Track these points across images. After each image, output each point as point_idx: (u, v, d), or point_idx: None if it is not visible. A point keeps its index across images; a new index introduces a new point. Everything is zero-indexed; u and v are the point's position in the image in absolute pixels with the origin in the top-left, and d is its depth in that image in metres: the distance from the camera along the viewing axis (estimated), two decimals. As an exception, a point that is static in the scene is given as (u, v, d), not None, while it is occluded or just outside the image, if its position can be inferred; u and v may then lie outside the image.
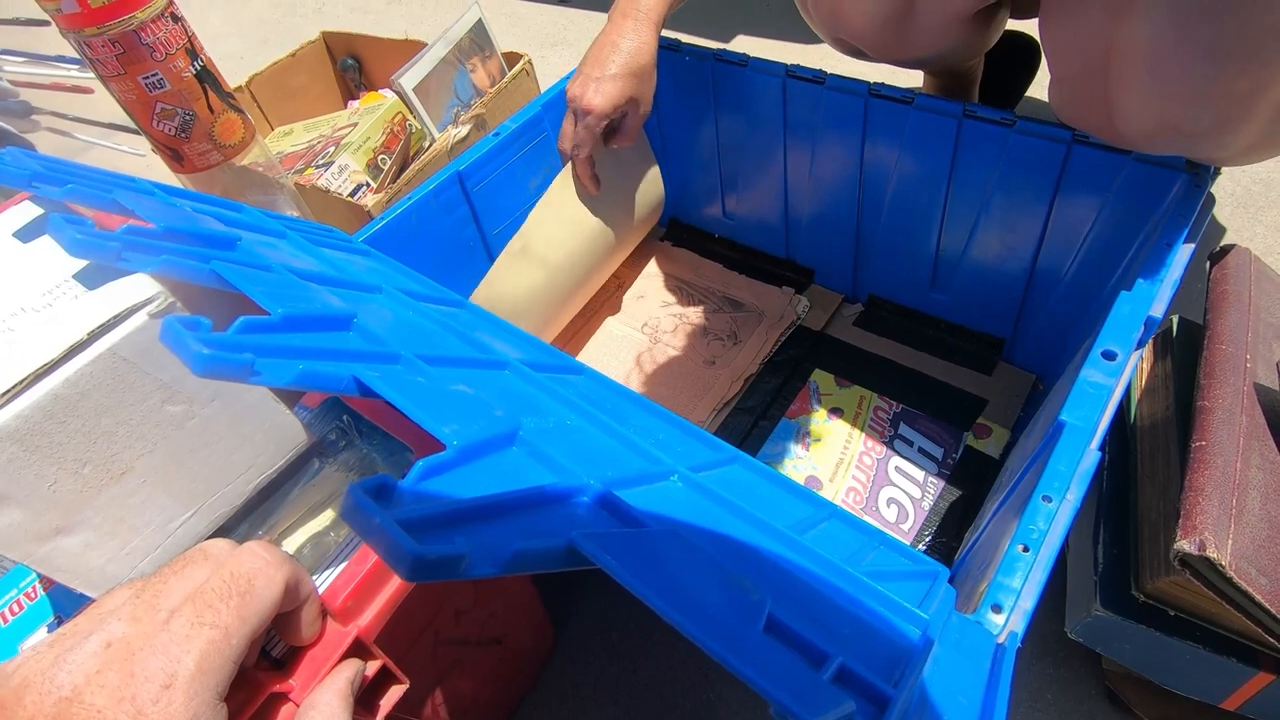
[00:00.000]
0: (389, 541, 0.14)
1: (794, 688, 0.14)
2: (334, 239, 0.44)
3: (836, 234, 0.65)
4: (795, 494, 0.30)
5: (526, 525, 0.17)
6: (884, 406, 0.60)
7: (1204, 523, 0.34)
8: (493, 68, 0.80)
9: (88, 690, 0.20)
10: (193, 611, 0.22)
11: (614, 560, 0.16)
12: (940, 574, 0.26)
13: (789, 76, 0.57)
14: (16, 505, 0.22)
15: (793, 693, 0.14)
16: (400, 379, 0.22)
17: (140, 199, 0.32)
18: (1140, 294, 0.38)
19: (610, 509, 0.19)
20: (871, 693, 0.16)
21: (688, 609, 0.15)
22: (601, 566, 0.16)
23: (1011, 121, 0.49)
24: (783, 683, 0.14)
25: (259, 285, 0.25)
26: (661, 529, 0.19)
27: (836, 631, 0.19)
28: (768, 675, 0.14)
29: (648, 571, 0.16)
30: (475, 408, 0.22)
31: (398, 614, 0.28)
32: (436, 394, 0.22)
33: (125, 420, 0.23)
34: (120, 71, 0.48)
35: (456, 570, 0.14)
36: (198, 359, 0.18)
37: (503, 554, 0.15)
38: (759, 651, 0.15)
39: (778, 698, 0.13)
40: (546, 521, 0.18)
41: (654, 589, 0.15)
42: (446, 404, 0.21)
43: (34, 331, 0.23)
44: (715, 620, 0.15)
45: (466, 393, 0.23)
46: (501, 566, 0.15)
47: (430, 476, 0.17)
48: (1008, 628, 0.27)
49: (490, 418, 0.22)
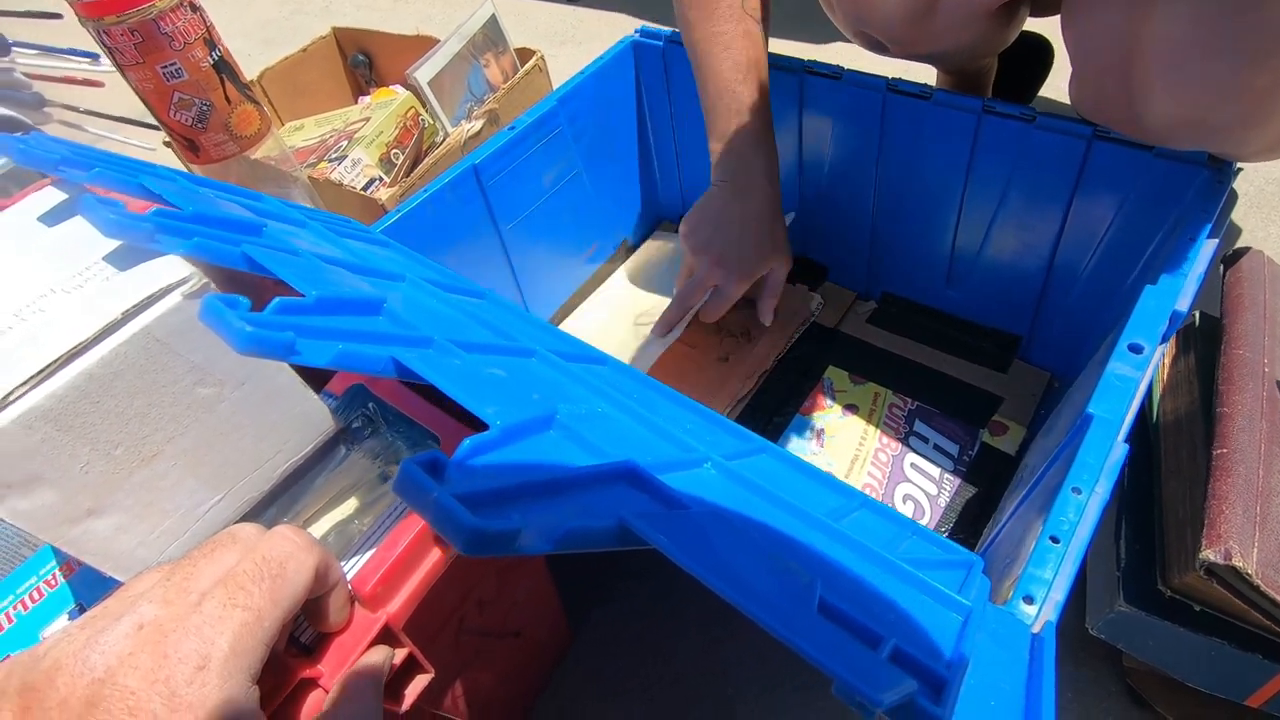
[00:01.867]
0: (446, 515, 0.14)
1: (857, 666, 0.14)
2: (353, 229, 0.44)
3: (851, 231, 0.65)
4: (825, 484, 0.30)
5: (576, 504, 0.17)
6: (899, 403, 0.60)
7: (1228, 531, 0.34)
8: (506, 64, 0.79)
9: (120, 671, 0.20)
10: (225, 594, 0.22)
11: (667, 539, 0.15)
12: (975, 563, 0.26)
13: (805, 73, 0.57)
14: (49, 486, 0.21)
15: (856, 670, 0.13)
16: (438, 361, 0.22)
17: (166, 184, 0.32)
18: (1165, 288, 0.38)
19: (652, 491, 0.19)
20: (928, 675, 0.16)
21: (744, 589, 0.15)
22: (655, 546, 0.15)
23: (1031, 117, 0.49)
24: (846, 660, 0.14)
25: (290, 269, 0.25)
26: (705, 511, 0.19)
27: (884, 616, 0.19)
28: (830, 653, 0.14)
29: (701, 551, 0.15)
30: (513, 390, 0.22)
31: (425, 601, 0.28)
32: (474, 376, 0.22)
33: (157, 402, 0.23)
34: (138, 60, 0.48)
35: (511, 544, 0.14)
36: (241, 335, 0.18)
37: (555, 531, 0.15)
38: (817, 631, 0.15)
39: (843, 674, 0.13)
40: (594, 501, 0.17)
41: (710, 569, 0.15)
42: (485, 386, 0.21)
43: (66, 312, 0.23)
44: (771, 600, 0.15)
45: (502, 376, 0.23)
46: (554, 543, 0.15)
47: (477, 455, 0.17)
48: (1041, 617, 0.27)
49: (528, 400, 0.21)
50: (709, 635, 0.50)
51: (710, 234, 0.53)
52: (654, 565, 0.53)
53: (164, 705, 0.19)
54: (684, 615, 0.51)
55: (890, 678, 0.14)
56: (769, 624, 0.14)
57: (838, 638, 0.15)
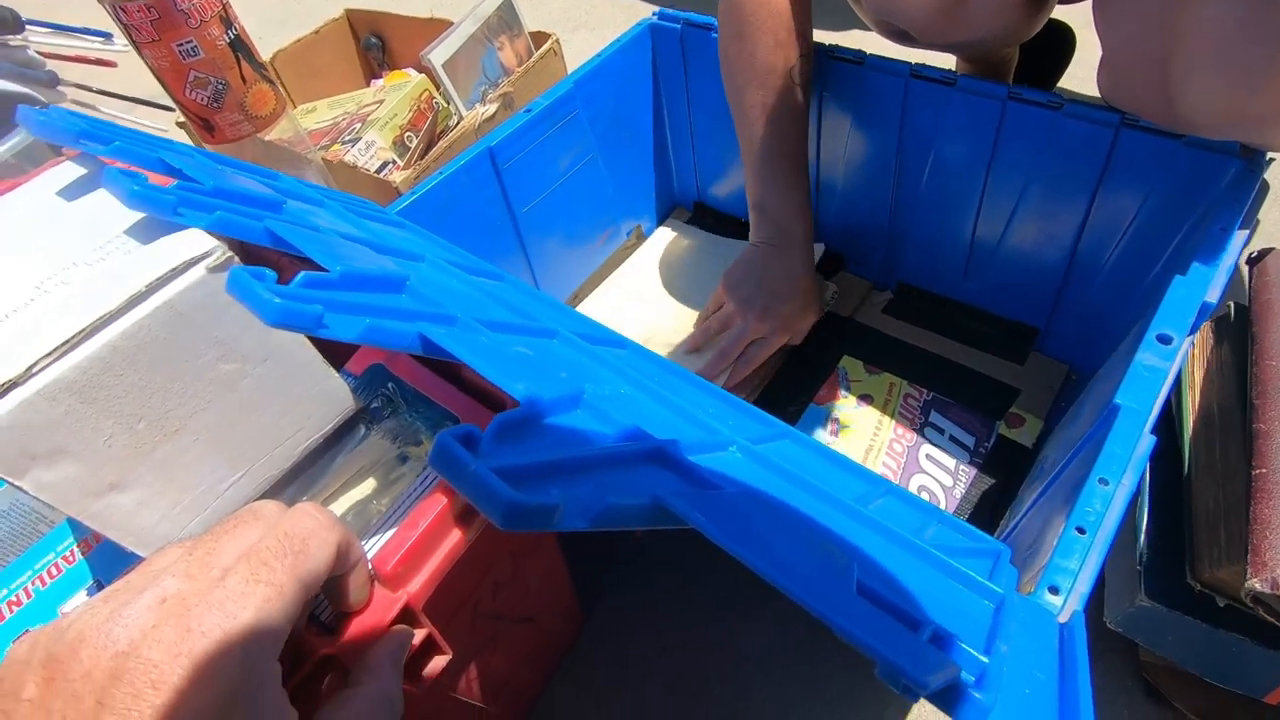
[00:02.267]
0: (485, 488, 0.13)
1: (901, 648, 0.13)
2: (370, 210, 0.44)
3: (868, 220, 0.64)
4: (849, 470, 0.29)
5: (611, 481, 0.16)
6: (914, 394, 0.59)
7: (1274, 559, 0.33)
8: (520, 47, 0.79)
9: (144, 645, 0.19)
10: (248, 569, 0.21)
11: (705, 518, 0.15)
12: (1003, 552, 0.26)
13: (827, 58, 0.56)
14: (73, 459, 0.21)
15: (901, 652, 0.13)
16: (465, 338, 0.21)
17: (185, 159, 0.32)
18: (1196, 278, 0.37)
19: (684, 471, 0.19)
20: (968, 660, 0.15)
21: (785, 569, 0.14)
22: (693, 524, 0.15)
23: (1059, 104, 0.48)
24: (890, 642, 0.13)
25: (314, 244, 0.25)
26: (739, 491, 0.18)
27: (917, 602, 0.18)
28: (875, 635, 0.13)
29: (739, 531, 0.15)
30: (541, 368, 0.22)
31: (444, 583, 0.28)
32: (501, 354, 0.21)
33: (180, 376, 0.23)
34: (155, 38, 0.47)
35: (550, 520, 0.14)
36: (269, 308, 0.18)
37: (594, 507, 0.15)
38: (859, 612, 0.14)
39: (888, 656, 0.13)
40: (627, 479, 0.17)
41: (750, 548, 0.15)
42: (513, 364, 0.21)
43: (89, 284, 0.23)
44: (812, 580, 0.15)
45: (528, 354, 0.23)
46: (591, 520, 0.14)
47: (510, 430, 0.17)
48: (1068, 608, 0.26)
49: (556, 379, 0.21)
50: (721, 618, 0.49)
51: (753, 290, 0.57)
52: (665, 548, 0.53)
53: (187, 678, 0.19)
54: (695, 598, 0.51)
55: (935, 660, 0.14)
56: (812, 604, 0.13)
57: (880, 619, 0.14)
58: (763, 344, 0.57)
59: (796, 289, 0.56)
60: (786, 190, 0.55)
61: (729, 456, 0.24)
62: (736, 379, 0.59)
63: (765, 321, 0.56)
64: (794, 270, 0.56)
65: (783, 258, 0.56)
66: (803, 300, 0.57)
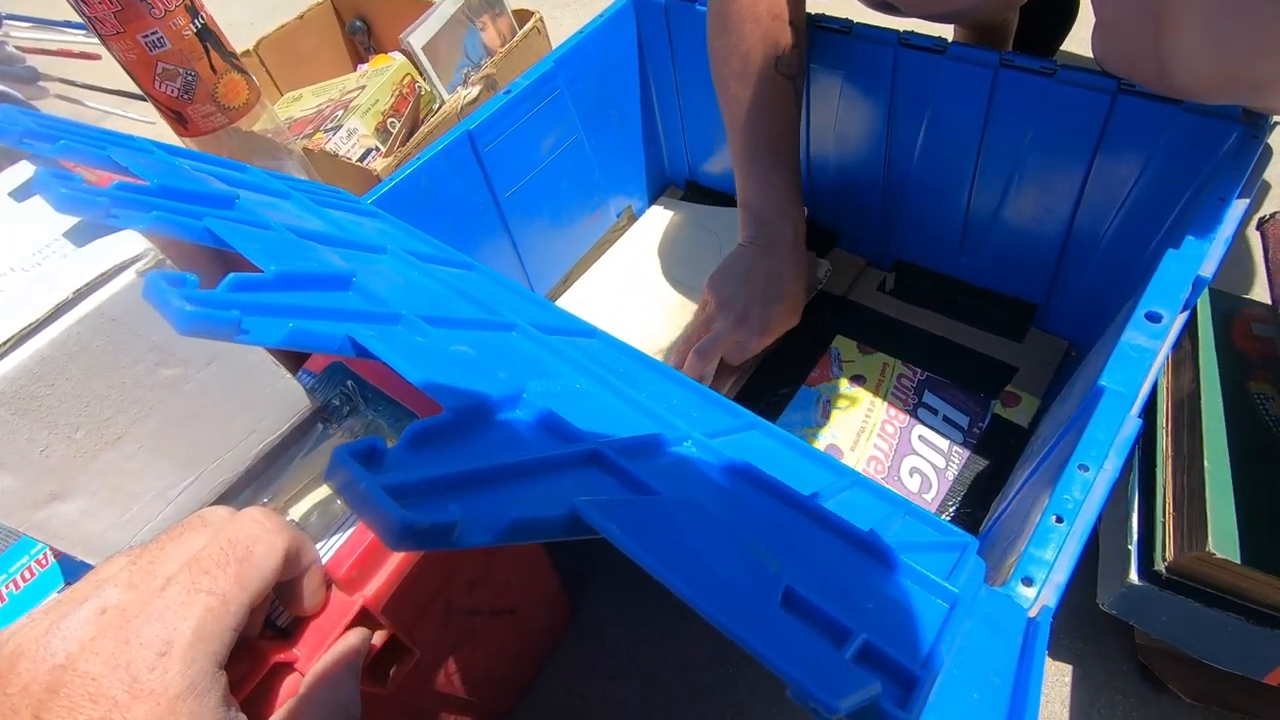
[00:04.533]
0: (374, 508, 0.13)
1: (814, 667, 0.13)
2: (341, 200, 0.43)
3: (861, 196, 0.62)
4: (816, 461, 0.28)
5: (528, 492, 0.16)
6: (908, 374, 0.58)
7: None
8: (503, 26, 0.77)
9: (82, 658, 0.19)
10: (189, 578, 0.21)
11: (619, 529, 0.14)
12: (969, 545, 0.25)
13: (813, 27, 0.54)
14: (8, 471, 0.21)
15: (813, 672, 0.12)
16: (398, 339, 0.21)
17: (136, 156, 0.31)
18: (1189, 252, 0.36)
19: (619, 475, 0.18)
20: (898, 672, 0.15)
21: (699, 581, 0.14)
22: (605, 536, 0.14)
23: (1052, 71, 0.46)
24: (802, 661, 0.12)
25: (254, 243, 0.24)
26: (674, 495, 0.17)
27: (859, 606, 0.18)
28: (785, 654, 0.13)
29: (657, 541, 0.14)
30: (477, 369, 0.21)
31: (406, 583, 0.27)
32: (436, 355, 0.21)
33: (118, 384, 0.22)
34: (119, 30, 0.46)
35: (448, 539, 0.13)
36: (181, 315, 0.17)
37: (499, 522, 0.14)
38: (776, 628, 0.14)
39: (796, 678, 0.12)
40: (549, 488, 0.16)
41: (662, 560, 0.14)
42: (446, 365, 0.20)
43: (21, 291, 0.22)
44: (729, 594, 0.14)
45: (468, 354, 0.22)
46: (498, 535, 0.14)
47: (425, 440, 0.16)
48: (1039, 601, 0.25)
49: (493, 379, 0.20)
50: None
51: (735, 290, 0.54)
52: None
53: (125, 691, 0.19)
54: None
55: (851, 680, 0.13)
56: (720, 621, 0.13)
57: (798, 635, 0.14)
58: (742, 348, 0.54)
59: (782, 292, 0.54)
60: (769, 187, 0.53)
61: (683, 453, 0.23)
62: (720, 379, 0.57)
63: (745, 324, 0.53)
64: (779, 272, 0.54)
65: (768, 258, 0.54)
66: (788, 304, 0.54)
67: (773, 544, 0.18)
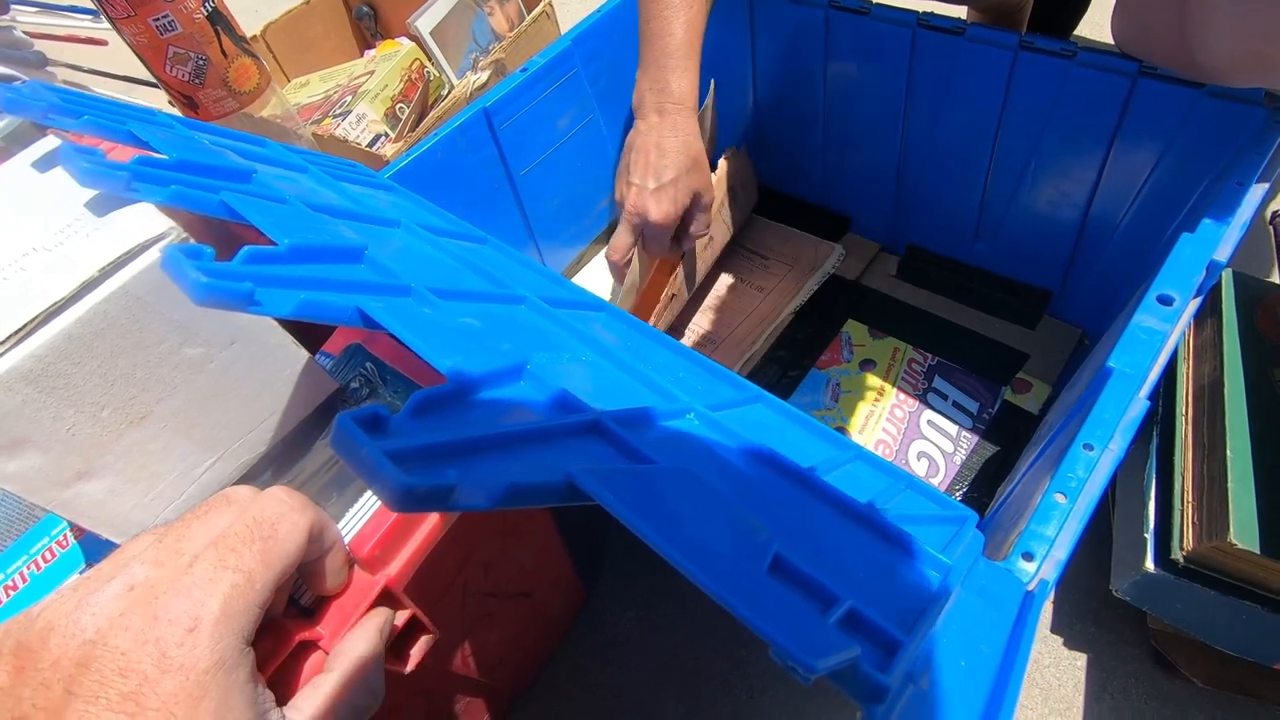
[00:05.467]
0: (375, 471, 0.13)
1: (795, 629, 0.13)
2: (357, 174, 0.43)
3: (876, 179, 0.62)
4: (819, 434, 0.28)
5: (526, 459, 0.16)
6: (918, 359, 0.58)
7: None
8: (511, 11, 0.76)
9: (111, 633, 0.19)
10: (216, 556, 0.21)
11: (613, 496, 0.15)
12: (969, 518, 0.25)
13: (832, 8, 0.54)
14: (36, 449, 0.21)
15: (793, 634, 0.13)
16: (406, 311, 0.21)
17: (156, 130, 0.31)
18: (1205, 235, 0.35)
19: (618, 444, 0.18)
20: (881, 637, 0.15)
21: (688, 547, 0.14)
22: (599, 502, 0.15)
23: (1072, 53, 0.45)
24: (783, 624, 0.13)
25: (269, 216, 0.24)
26: (671, 465, 0.18)
27: (851, 575, 0.18)
28: (767, 616, 0.13)
29: (649, 508, 0.15)
30: (482, 341, 0.21)
31: (426, 564, 0.28)
32: (442, 326, 0.21)
33: (143, 362, 0.22)
34: (130, 13, 0.46)
35: (446, 501, 0.13)
36: (196, 286, 0.17)
37: (496, 487, 0.14)
38: (760, 591, 0.14)
39: (776, 638, 0.12)
40: (548, 456, 0.17)
41: (654, 526, 0.14)
42: (452, 337, 0.20)
43: (45, 271, 0.22)
44: (718, 559, 0.14)
45: (474, 326, 0.22)
46: (494, 500, 0.14)
47: (428, 409, 0.16)
48: (1039, 576, 0.25)
49: (497, 351, 0.20)
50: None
51: (626, 166, 0.52)
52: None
53: (154, 666, 0.19)
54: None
55: (831, 642, 0.13)
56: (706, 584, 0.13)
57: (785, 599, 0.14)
58: (649, 228, 0.51)
59: (670, 158, 0.50)
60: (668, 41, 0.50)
61: (684, 424, 0.23)
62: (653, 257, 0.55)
63: (640, 199, 0.50)
64: (670, 142, 0.50)
65: (660, 127, 0.51)
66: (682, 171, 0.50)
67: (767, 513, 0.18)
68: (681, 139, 0.51)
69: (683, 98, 0.51)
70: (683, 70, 0.51)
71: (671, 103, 0.51)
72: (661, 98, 0.51)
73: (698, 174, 0.52)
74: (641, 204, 0.50)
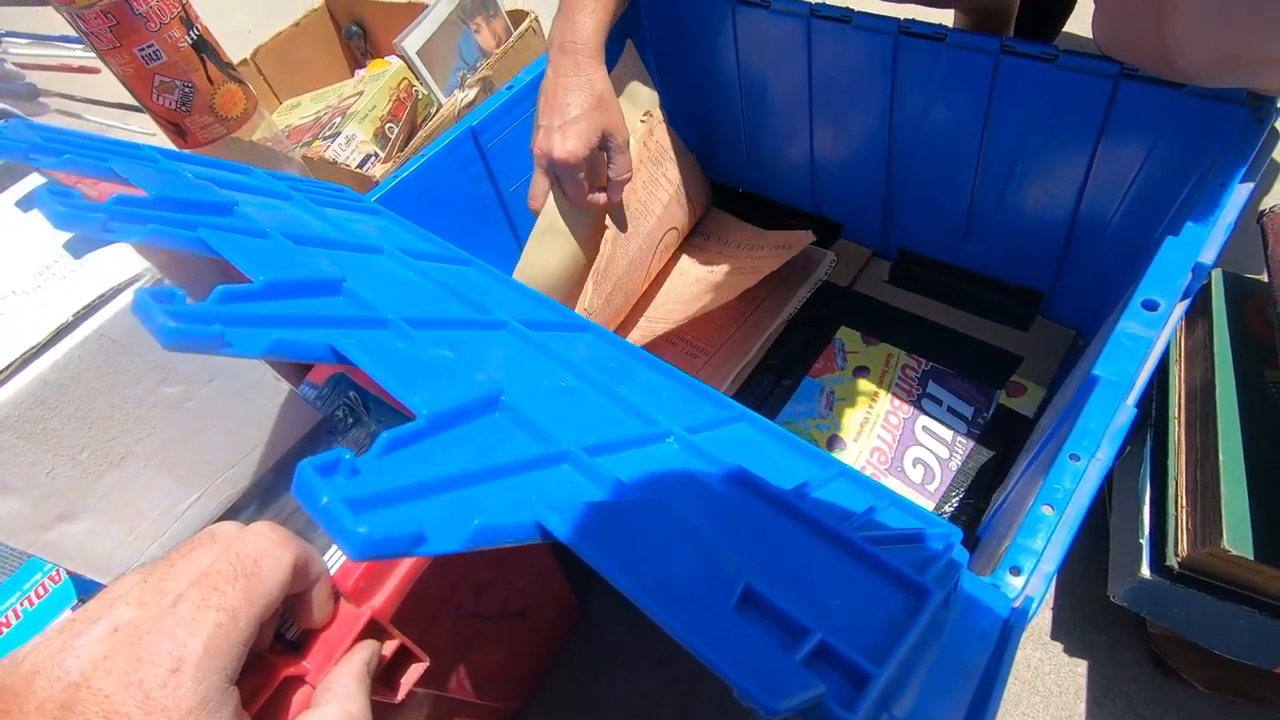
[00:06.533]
0: (333, 521, 0.13)
1: (757, 669, 0.13)
2: (343, 199, 0.43)
3: (865, 185, 0.62)
4: (801, 453, 0.28)
5: (494, 498, 0.16)
6: (912, 365, 0.57)
7: None
8: (498, 27, 0.77)
9: (95, 676, 0.19)
10: (199, 594, 0.21)
11: (578, 537, 0.15)
12: (953, 535, 0.25)
13: (813, 16, 0.54)
14: (15, 494, 0.21)
15: (754, 674, 0.13)
16: (378, 345, 0.21)
17: (137, 166, 0.31)
18: (1189, 238, 0.35)
19: (591, 477, 0.18)
20: (851, 670, 0.15)
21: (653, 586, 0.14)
22: (565, 544, 0.15)
23: (1053, 56, 0.45)
24: (746, 665, 0.13)
25: (247, 252, 0.24)
26: (643, 498, 0.18)
27: (825, 604, 0.18)
28: (728, 656, 0.13)
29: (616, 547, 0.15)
30: (455, 373, 0.21)
31: (414, 591, 0.28)
32: (415, 360, 0.21)
33: (120, 403, 0.23)
34: (115, 44, 0.47)
35: (414, 548, 0.13)
36: (164, 331, 0.17)
37: (463, 531, 0.14)
38: (725, 631, 0.14)
39: (736, 679, 0.12)
40: (518, 492, 0.16)
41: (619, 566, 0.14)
42: (424, 370, 0.20)
43: (23, 314, 0.22)
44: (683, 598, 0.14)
45: (448, 357, 0.22)
46: (462, 544, 0.14)
47: (396, 449, 0.16)
48: (1025, 591, 0.25)
49: (470, 383, 0.20)
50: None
51: (538, 107, 0.52)
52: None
53: (139, 708, 0.19)
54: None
55: (795, 682, 0.13)
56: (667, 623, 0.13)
57: (750, 637, 0.14)
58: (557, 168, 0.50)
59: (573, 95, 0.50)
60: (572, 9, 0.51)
61: (662, 450, 0.23)
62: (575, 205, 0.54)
63: (538, 139, 0.50)
64: (565, 77, 0.50)
65: (559, 62, 0.51)
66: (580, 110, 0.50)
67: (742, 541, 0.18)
68: (585, 78, 0.50)
69: (587, 39, 0.51)
70: (590, 11, 0.51)
71: (576, 41, 0.51)
72: (566, 36, 0.51)
73: (603, 112, 0.51)
74: (547, 143, 0.50)
